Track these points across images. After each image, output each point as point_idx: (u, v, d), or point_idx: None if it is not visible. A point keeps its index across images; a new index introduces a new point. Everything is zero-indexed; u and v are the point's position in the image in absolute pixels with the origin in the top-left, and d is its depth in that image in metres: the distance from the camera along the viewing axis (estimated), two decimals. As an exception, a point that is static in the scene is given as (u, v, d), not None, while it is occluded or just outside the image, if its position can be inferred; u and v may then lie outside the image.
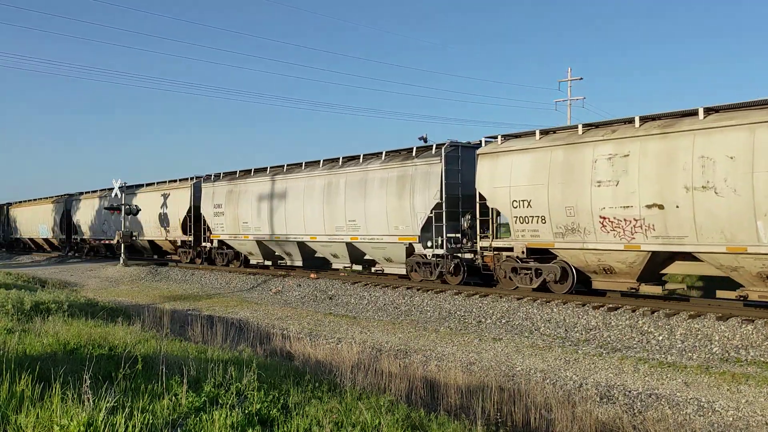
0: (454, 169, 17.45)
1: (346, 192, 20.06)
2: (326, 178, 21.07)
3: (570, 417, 7.38)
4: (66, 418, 4.43)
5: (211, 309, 17.77)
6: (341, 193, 20.30)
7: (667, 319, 12.23)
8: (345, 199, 20.09)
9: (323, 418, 5.25)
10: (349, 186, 20.03)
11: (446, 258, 17.41)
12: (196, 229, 28.31)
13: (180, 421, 4.90)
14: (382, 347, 12.31)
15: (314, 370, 8.23)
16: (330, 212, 20.61)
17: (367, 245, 19.66)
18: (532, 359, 11.13)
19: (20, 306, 11.93)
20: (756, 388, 8.86)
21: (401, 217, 18.23)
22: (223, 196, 25.85)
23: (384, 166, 19.10)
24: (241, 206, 24.76)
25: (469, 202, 17.06)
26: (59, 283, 25.47)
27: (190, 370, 6.53)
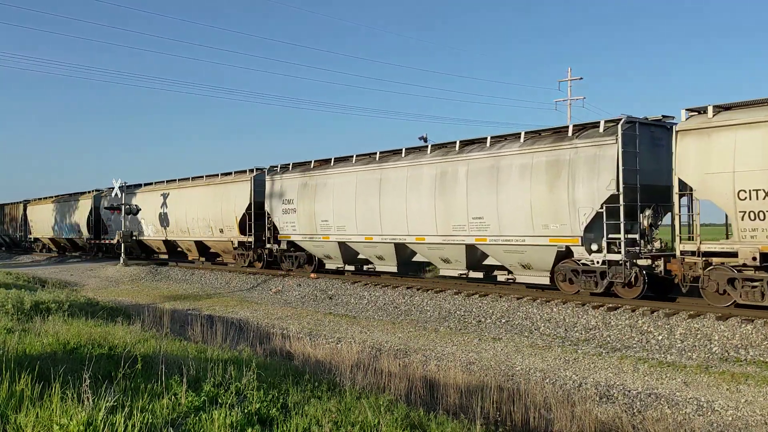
0: (631, 152, 13.72)
1: (469, 183, 16.27)
2: (438, 167, 17.22)
3: (569, 416, 7.39)
4: (66, 417, 4.44)
5: (211, 309, 17.78)
6: (461, 185, 16.50)
7: (666, 319, 12.24)
8: (467, 192, 16.28)
9: (323, 417, 5.26)
10: (473, 175, 16.24)
11: (624, 265, 13.66)
12: (257, 228, 24.52)
13: (180, 421, 4.90)
14: (382, 347, 12.31)
15: (314, 370, 8.24)
16: (444, 208, 16.89)
17: (498, 248, 15.99)
18: (532, 359, 11.13)
19: (20, 306, 11.93)
20: (755, 387, 8.86)
21: (553, 214, 14.64)
22: (295, 190, 22.28)
23: (525, 149, 15.42)
24: (320, 202, 21.14)
25: (649, 193, 13.93)
26: (59, 282, 25.47)
27: (190, 370, 6.53)
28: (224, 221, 25.92)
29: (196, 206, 27.68)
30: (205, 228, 27.36)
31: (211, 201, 26.81)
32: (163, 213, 30.15)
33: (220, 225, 26.30)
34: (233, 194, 25.57)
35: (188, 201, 28.39)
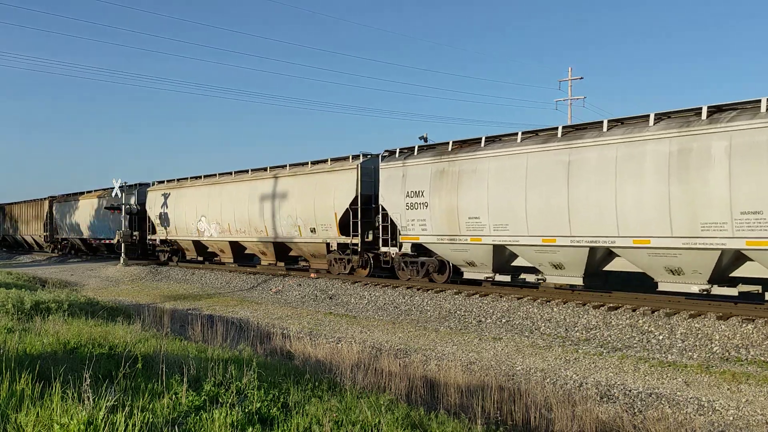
0: None
1: (732, 163, 11.43)
2: (668, 143, 12.37)
3: (570, 416, 7.38)
4: (66, 416, 4.44)
5: (211, 308, 17.78)
6: (716, 167, 11.58)
7: (667, 319, 12.23)
8: (729, 176, 11.40)
9: (323, 416, 5.25)
10: (741, 152, 11.39)
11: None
12: (363, 227, 20.05)
13: (180, 420, 4.90)
14: (382, 346, 12.31)
15: (314, 369, 8.24)
16: (684, 199, 12.09)
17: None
18: (533, 358, 11.13)
19: (20, 305, 11.93)
20: (756, 387, 8.86)
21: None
22: (427, 179, 17.40)
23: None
24: (465, 193, 16.26)
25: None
26: (59, 282, 25.49)
27: (191, 369, 6.53)
28: (318, 219, 21.24)
29: (284, 200, 22.80)
30: (291, 228, 22.44)
31: (298, 195, 22.17)
32: (223, 210, 25.80)
33: (311, 224, 21.55)
34: (332, 185, 20.90)
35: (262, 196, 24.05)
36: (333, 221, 20.69)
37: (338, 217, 20.46)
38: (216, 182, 26.71)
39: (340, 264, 21.31)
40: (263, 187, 23.79)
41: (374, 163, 20.06)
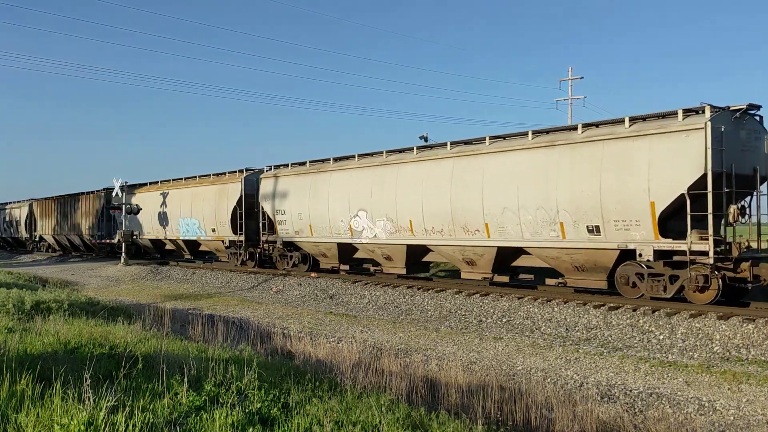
0: None
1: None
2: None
3: (571, 416, 7.38)
4: (66, 417, 4.43)
5: (211, 308, 17.78)
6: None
7: (668, 318, 12.22)
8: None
9: (324, 416, 5.25)
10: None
11: None
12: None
13: (180, 420, 4.89)
14: (383, 346, 12.31)
15: (315, 369, 8.23)
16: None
17: None
18: (533, 358, 11.12)
19: (21, 305, 11.93)
20: (757, 387, 8.85)
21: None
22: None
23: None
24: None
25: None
26: (60, 282, 25.49)
27: (191, 369, 6.52)
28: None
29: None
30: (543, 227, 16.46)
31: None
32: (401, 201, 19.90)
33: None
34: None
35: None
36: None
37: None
38: (386, 163, 19.20)
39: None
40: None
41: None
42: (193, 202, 28.11)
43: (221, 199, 26.19)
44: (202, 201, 27.45)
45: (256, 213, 24.68)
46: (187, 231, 28.71)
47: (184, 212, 28.72)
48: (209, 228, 27.03)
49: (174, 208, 29.56)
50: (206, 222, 27.17)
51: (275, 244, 23.80)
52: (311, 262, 23.01)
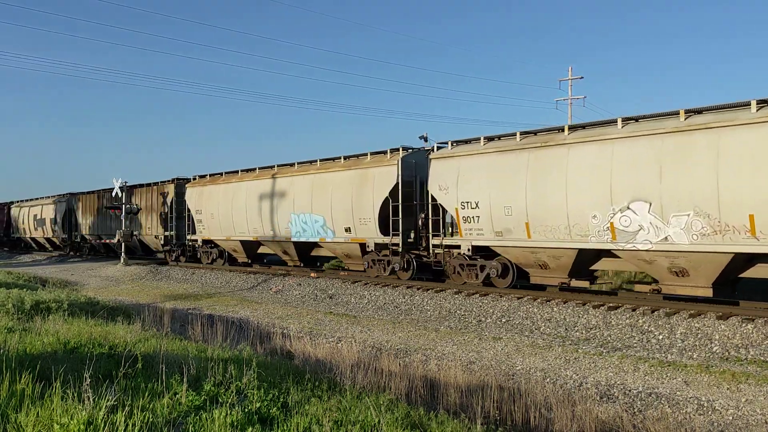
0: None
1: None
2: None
3: (570, 416, 7.38)
4: (66, 416, 4.44)
5: (211, 308, 17.78)
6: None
7: (667, 318, 12.23)
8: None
9: (323, 416, 5.26)
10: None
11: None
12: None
13: (180, 420, 4.90)
14: (382, 346, 12.31)
15: (314, 369, 8.24)
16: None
17: None
18: (532, 358, 11.13)
19: (21, 305, 11.93)
20: (756, 387, 8.86)
21: None
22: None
23: None
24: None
25: None
26: (60, 282, 25.50)
27: (191, 369, 6.53)
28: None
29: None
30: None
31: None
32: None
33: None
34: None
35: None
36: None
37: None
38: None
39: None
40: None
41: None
42: (313, 193, 21.34)
43: (363, 189, 19.48)
44: (329, 191, 20.70)
45: (416, 207, 18.80)
46: (303, 230, 21.78)
47: (299, 206, 21.93)
48: (341, 227, 20.27)
49: (282, 201, 22.75)
50: (336, 219, 20.33)
51: (458, 250, 17.06)
52: (514, 273, 16.14)
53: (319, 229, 21.15)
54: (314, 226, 21.35)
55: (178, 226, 29.42)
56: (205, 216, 26.96)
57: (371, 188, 19.28)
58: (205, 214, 26.95)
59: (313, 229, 21.41)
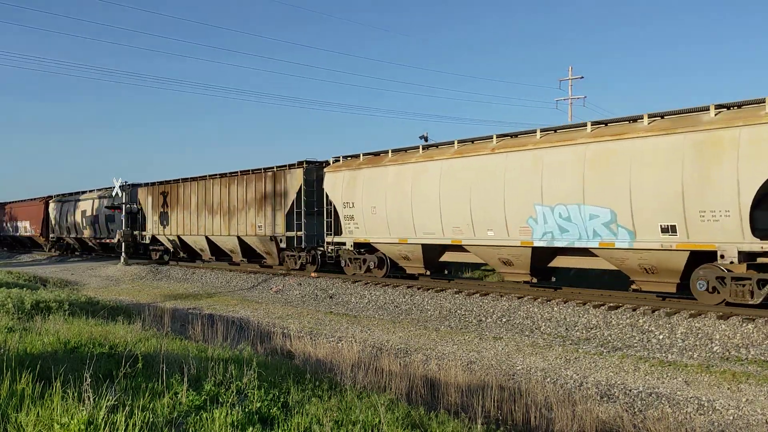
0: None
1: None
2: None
3: (570, 416, 7.38)
4: (66, 416, 4.44)
5: (211, 308, 17.78)
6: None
7: (667, 318, 12.23)
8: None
9: (323, 416, 5.25)
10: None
11: None
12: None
13: (180, 420, 4.90)
14: (383, 346, 12.31)
15: (314, 369, 8.23)
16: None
17: None
18: (533, 358, 11.13)
19: (21, 305, 11.94)
20: (756, 386, 8.85)
21: None
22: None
23: None
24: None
25: None
26: (60, 282, 25.52)
27: (191, 369, 6.53)
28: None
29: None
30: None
31: None
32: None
33: None
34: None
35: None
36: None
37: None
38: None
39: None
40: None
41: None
42: (600, 174, 13.42)
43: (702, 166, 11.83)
44: (618, 172, 13.05)
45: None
46: (565, 230, 14.19)
47: (560, 195, 14.12)
48: (647, 225, 12.77)
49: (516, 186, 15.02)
50: (640, 212, 12.75)
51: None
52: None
53: (601, 229, 13.52)
54: (587, 225, 13.75)
55: (309, 224, 21.93)
56: (360, 211, 19.34)
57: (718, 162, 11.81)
58: (360, 208, 19.35)
59: (587, 228, 13.77)
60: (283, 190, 22.87)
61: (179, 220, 29.15)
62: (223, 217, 26.27)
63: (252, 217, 24.45)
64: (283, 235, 22.87)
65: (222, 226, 26.40)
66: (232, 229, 25.68)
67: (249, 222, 24.60)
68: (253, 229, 24.29)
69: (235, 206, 25.53)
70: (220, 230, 26.53)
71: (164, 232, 30.19)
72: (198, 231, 27.84)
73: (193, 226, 28.30)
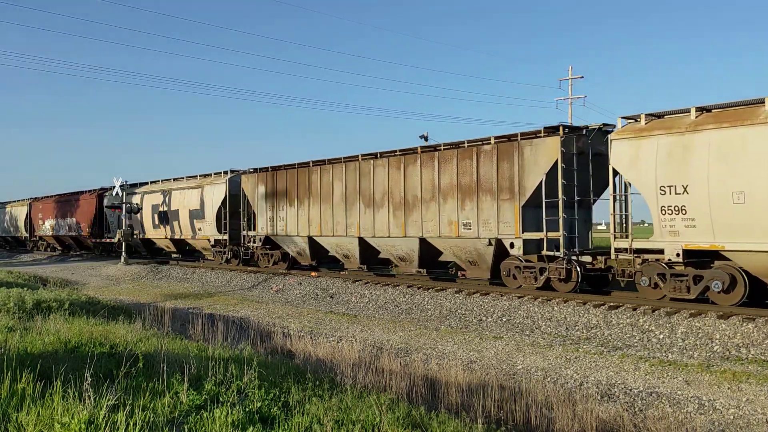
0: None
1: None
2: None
3: (571, 415, 7.38)
4: (67, 416, 4.44)
5: (212, 307, 17.78)
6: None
7: (668, 318, 12.23)
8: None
9: (324, 416, 5.25)
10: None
11: None
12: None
13: (181, 419, 4.90)
14: (383, 345, 12.31)
15: (315, 369, 8.24)
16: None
17: None
18: (533, 357, 11.13)
19: (21, 304, 11.94)
20: (757, 386, 8.86)
21: None
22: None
23: None
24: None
25: None
26: (60, 281, 25.50)
27: (191, 369, 6.53)
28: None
29: None
30: None
31: None
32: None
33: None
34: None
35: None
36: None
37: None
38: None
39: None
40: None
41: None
42: None
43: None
44: None
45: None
46: None
47: None
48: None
49: None
50: None
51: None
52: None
53: None
54: None
55: (570, 221, 15.30)
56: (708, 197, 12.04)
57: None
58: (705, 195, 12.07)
59: None
60: (517, 170, 15.68)
61: (311, 216, 21.88)
62: (394, 212, 18.91)
63: (450, 211, 17.36)
64: (516, 238, 15.75)
65: (391, 224, 19.05)
66: (410, 228, 18.43)
67: (445, 218, 17.47)
68: (453, 228, 17.22)
69: (416, 197, 18.30)
70: (386, 230, 19.19)
71: (287, 231, 22.99)
72: (344, 231, 20.56)
73: (336, 224, 20.92)
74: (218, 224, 26.71)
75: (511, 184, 15.87)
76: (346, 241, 20.70)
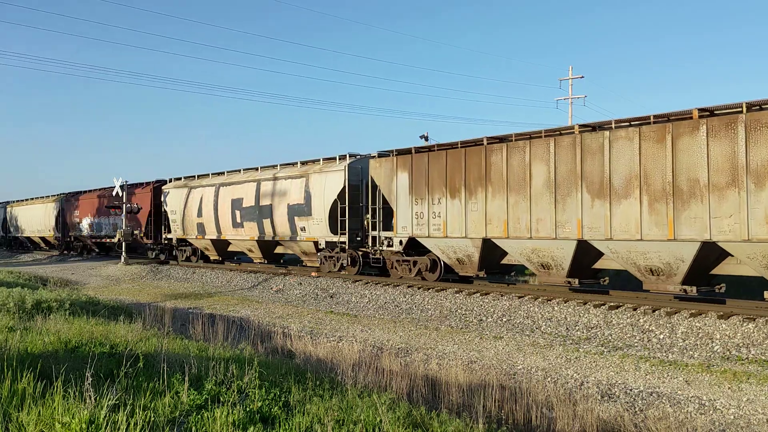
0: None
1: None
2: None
3: (571, 415, 7.38)
4: (68, 415, 4.44)
5: (212, 307, 17.78)
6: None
7: (668, 318, 12.23)
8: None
9: (324, 415, 5.25)
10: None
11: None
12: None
13: (181, 419, 4.90)
14: (383, 345, 12.31)
15: (315, 369, 8.24)
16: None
17: None
18: (534, 357, 11.13)
19: (22, 304, 11.94)
20: (757, 386, 8.86)
21: None
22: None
23: None
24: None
25: None
26: (60, 281, 25.51)
27: (192, 368, 6.53)
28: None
29: None
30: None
31: None
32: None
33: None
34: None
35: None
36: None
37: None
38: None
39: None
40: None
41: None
42: None
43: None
44: None
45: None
46: None
47: None
48: None
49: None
50: None
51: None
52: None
53: None
54: None
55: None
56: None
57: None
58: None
59: None
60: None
61: (489, 211, 15.93)
62: (651, 205, 12.78)
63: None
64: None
65: (644, 221, 12.86)
66: (683, 227, 12.23)
67: (760, 212, 11.21)
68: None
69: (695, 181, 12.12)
70: (634, 230, 13.00)
71: (447, 232, 17.03)
72: (552, 231, 14.47)
73: (537, 221, 14.85)
74: (331, 223, 20.75)
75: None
76: (553, 246, 14.61)
